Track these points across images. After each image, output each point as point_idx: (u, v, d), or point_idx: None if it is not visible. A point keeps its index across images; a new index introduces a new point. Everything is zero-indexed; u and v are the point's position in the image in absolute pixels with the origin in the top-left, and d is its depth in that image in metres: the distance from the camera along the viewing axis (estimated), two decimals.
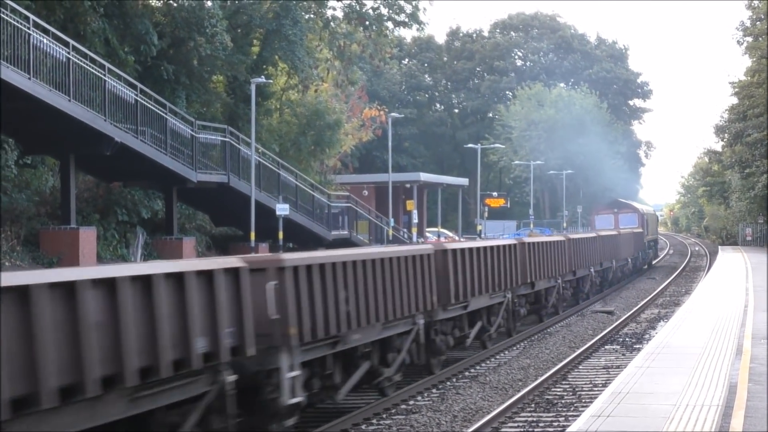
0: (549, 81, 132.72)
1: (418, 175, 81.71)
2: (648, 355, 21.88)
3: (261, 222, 44.24)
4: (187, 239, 41.51)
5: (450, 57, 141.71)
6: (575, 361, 27.52)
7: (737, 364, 20.24)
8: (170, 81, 45.77)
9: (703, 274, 63.95)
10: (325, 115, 57.74)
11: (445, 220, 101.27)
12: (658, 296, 50.39)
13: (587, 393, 22.60)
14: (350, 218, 55.24)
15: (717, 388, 17.43)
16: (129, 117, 35.95)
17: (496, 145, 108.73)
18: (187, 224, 46.43)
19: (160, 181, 40.10)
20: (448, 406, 21.23)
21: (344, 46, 60.04)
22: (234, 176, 43.27)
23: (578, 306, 43.91)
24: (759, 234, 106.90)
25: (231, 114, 52.03)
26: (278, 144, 55.05)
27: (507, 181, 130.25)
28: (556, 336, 34.05)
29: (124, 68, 39.97)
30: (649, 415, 15.34)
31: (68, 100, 31.36)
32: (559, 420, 19.70)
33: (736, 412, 15.43)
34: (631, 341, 32.23)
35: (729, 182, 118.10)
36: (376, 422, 19.84)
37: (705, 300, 36.32)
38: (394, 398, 21.83)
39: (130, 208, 41.45)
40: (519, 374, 25.70)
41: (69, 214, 33.93)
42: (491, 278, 29.11)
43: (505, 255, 30.79)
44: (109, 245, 38.26)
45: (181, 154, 39.54)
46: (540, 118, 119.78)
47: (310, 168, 58.71)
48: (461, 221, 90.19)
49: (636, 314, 40.90)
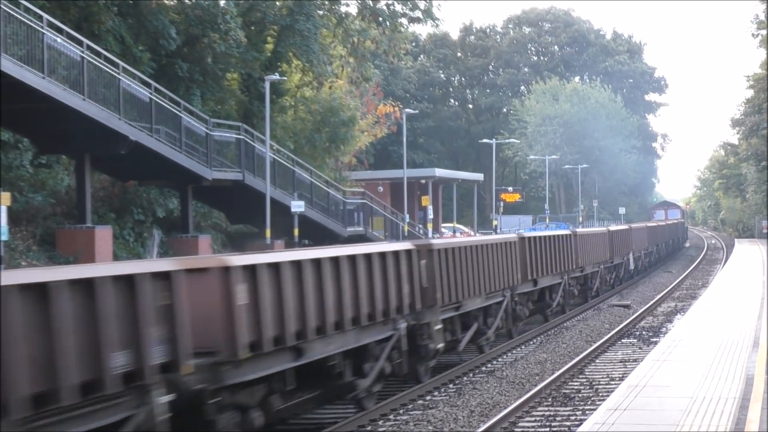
0: (565, 74, 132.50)
1: (433, 170, 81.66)
2: (665, 349, 21.83)
3: (276, 219, 44.25)
4: (202, 237, 41.55)
5: (464, 53, 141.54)
6: (592, 355, 27.49)
7: (754, 356, 20.20)
8: (184, 79, 45.81)
9: (719, 266, 63.81)
10: (340, 112, 57.72)
11: (460, 215, 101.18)
12: (675, 289, 50.29)
13: (604, 387, 22.56)
14: (365, 214, 55.22)
15: (734, 381, 17.39)
16: (144, 115, 35.97)
17: (511, 140, 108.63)
18: (202, 222, 46.48)
19: (175, 180, 40.14)
20: (465, 401, 21.22)
21: (358, 42, 60.00)
22: (249, 174, 43.28)
23: (587, 303, 42.48)
24: None
25: (245, 111, 52.04)
26: (293, 141, 55.05)
27: (522, 176, 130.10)
28: (572, 330, 34.00)
29: (139, 66, 40.02)
30: (666, 408, 15.31)
31: (83, 99, 31.39)
32: (576, 414, 19.68)
33: (753, 404, 15.39)
34: (648, 335, 32.17)
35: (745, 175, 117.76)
36: (393, 418, 19.84)
37: (722, 293, 36.23)
38: (411, 394, 21.83)
39: (145, 206, 41.51)
40: (536, 369, 25.67)
41: (85, 213, 33.98)
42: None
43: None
44: (125, 244, 38.32)
45: (196, 152, 39.57)
46: (555, 112, 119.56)
47: (325, 165, 58.70)
48: (477, 216, 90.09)
49: (653, 308, 40.83)
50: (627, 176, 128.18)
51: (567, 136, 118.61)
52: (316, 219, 47.84)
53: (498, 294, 28.81)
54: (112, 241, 35.35)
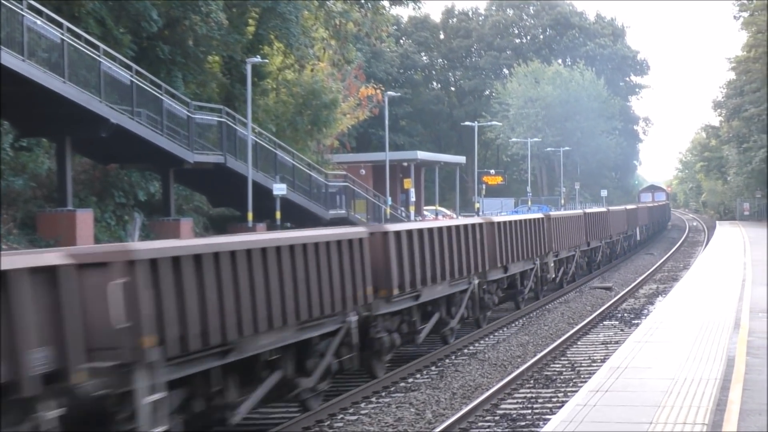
0: (548, 57, 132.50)
1: (415, 153, 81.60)
2: (646, 330, 21.88)
3: (258, 202, 44.19)
4: (184, 220, 41.46)
5: (446, 35, 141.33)
6: (574, 337, 27.56)
7: (735, 337, 20.26)
8: (166, 61, 45.60)
9: (701, 249, 64.00)
10: (322, 95, 57.56)
11: (442, 198, 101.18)
12: (657, 272, 50.44)
13: (586, 368, 22.63)
14: (347, 197, 55.16)
15: (715, 362, 17.44)
16: (125, 98, 35.82)
17: (493, 123, 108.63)
18: (184, 205, 46.36)
19: (156, 163, 40.00)
20: (447, 384, 21.24)
21: (340, 24, 59.84)
22: (231, 157, 43.18)
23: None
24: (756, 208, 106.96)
25: (227, 94, 51.87)
26: (275, 124, 54.89)
27: (504, 158, 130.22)
28: (554, 312, 34.07)
29: (120, 49, 39.81)
30: (648, 389, 15.35)
31: (63, 82, 31.24)
32: (558, 395, 19.73)
33: (734, 385, 15.44)
34: (630, 317, 32.26)
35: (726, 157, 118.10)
36: (375, 400, 19.85)
37: (703, 275, 36.34)
38: (393, 376, 21.84)
39: (127, 190, 41.37)
40: (518, 351, 25.72)
41: (65, 196, 33.84)
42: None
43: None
44: (106, 228, 38.20)
45: (178, 135, 39.43)
46: (537, 95, 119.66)
47: (307, 148, 58.56)
48: (459, 199, 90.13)
49: (634, 290, 40.95)
50: (609, 158, 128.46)
51: (549, 118, 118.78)
52: (298, 202, 47.79)
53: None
54: (93, 225, 35.23)
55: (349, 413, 18.69)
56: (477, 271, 27.94)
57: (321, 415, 18.18)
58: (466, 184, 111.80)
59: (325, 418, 18.13)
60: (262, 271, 15.98)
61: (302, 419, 17.71)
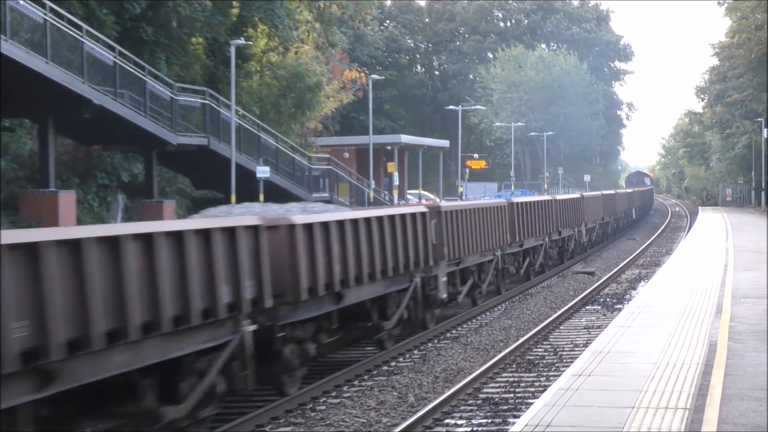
0: (531, 41, 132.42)
1: (399, 137, 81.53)
2: (629, 315, 21.92)
3: (241, 185, 44.11)
4: (167, 202, 41.35)
5: (431, 19, 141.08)
6: (556, 322, 27.60)
7: (717, 323, 20.31)
8: (149, 43, 45.39)
9: (683, 234, 64.17)
10: (306, 78, 57.43)
11: (426, 182, 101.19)
12: (639, 257, 50.57)
13: (568, 353, 22.67)
14: (331, 180, 55.17)
15: (697, 347, 17.49)
16: (108, 79, 35.68)
17: (476, 107, 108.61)
18: (167, 187, 46.25)
19: (139, 145, 39.88)
20: (430, 367, 21.26)
21: (324, 7, 59.70)
22: (214, 139, 43.09)
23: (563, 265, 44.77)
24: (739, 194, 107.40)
25: (211, 77, 51.71)
26: (258, 106, 54.77)
27: (488, 143, 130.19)
28: (537, 297, 34.13)
29: (103, 30, 39.60)
30: (630, 373, 15.38)
31: (46, 63, 31.08)
32: (540, 380, 19.76)
33: (716, 370, 15.48)
34: (612, 302, 32.33)
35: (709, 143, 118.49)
36: (357, 383, 19.85)
37: (685, 260, 36.43)
38: (376, 359, 21.85)
39: (110, 171, 41.24)
40: (500, 335, 25.75)
41: (48, 177, 33.71)
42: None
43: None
44: (89, 209, 38.08)
45: (161, 117, 39.31)
46: (521, 80, 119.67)
47: (291, 131, 58.44)
48: (442, 183, 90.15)
49: (617, 275, 41.04)
50: (592, 143, 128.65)
51: (532, 103, 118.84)
52: (282, 185, 47.72)
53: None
54: (75, 206, 35.12)
55: (332, 396, 18.69)
56: (500, 244, 31.72)
57: (303, 399, 18.13)
58: (449, 168, 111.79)
59: (307, 401, 18.10)
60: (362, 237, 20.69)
61: (284, 402, 17.66)
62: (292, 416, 17.15)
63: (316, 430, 16.12)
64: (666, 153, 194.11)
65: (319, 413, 17.34)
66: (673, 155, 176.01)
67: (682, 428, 12.02)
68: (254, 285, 16.00)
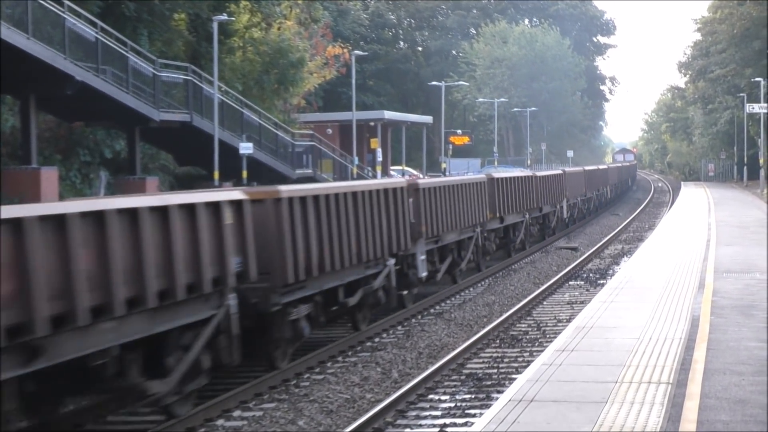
0: (515, 16, 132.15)
1: (382, 113, 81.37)
2: (612, 290, 22.02)
3: (225, 161, 44.01)
4: (150, 179, 41.21)
5: None
6: (540, 297, 27.69)
7: (700, 297, 20.42)
8: (131, 19, 45.11)
9: (666, 209, 64.37)
10: (289, 54, 57.22)
11: (409, 158, 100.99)
12: (622, 232, 50.71)
13: (551, 328, 22.76)
14: (314, 157, 55.07)
15: (680, 322, 17.57)
16: (90, 55, 35.48)
17: (460, 83, 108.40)
18: (150, 164, 46.07)
19: (122, 121, 39.69)
20: (414, 343, 21.32)
21: None
22: (197, 115, 42.93)
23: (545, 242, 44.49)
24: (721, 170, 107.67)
25: (193, 53, 51.46)
26: (241, 83, 54.58)
27: (471, 119, 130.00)
28: (520, 272, 34.21)
29: (85, 5, 39.35)
30: (613, 348, 15.46)
31: (27, 38, 30.87)
32: (523, 355, 19.84)
33: (699, 344, 15.57)
34: (595, 277, 32.44)
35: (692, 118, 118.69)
36: (341, 359, 19.90)
37: (668, 235, 36.56)
38: (360, 336, 21.88)
39: (92, 148, 41.07)
40: (484, 311, 25.82)
41: (30, 154, 33.56)
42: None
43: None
44: (72, 186, 37.95)
45: (144, 93, 39.13)
46: (503, 55, 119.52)
47: (274, 107, 58.27)
48: (426, 159, 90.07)
49: (600, 250, 41.15)
50: (575, 118, 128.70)
51: (515, 79, 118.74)
52: (265, 161, 47.63)
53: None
54: (57, 183, 34.99)
55: (316, 372, 18.73)
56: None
57: (288, 374, 18.16)
58: (433, 144, 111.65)
59: (291, 377, 18.13)
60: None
61: (269, 378, 17.70)
62: (276, 392, 17.18)
63: (300, 405, 16.16)
64: (649, 128, 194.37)
65: (303, 389, 17.38)
66: (656, 130, 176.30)
67: (664, 402, 12.09)
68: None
